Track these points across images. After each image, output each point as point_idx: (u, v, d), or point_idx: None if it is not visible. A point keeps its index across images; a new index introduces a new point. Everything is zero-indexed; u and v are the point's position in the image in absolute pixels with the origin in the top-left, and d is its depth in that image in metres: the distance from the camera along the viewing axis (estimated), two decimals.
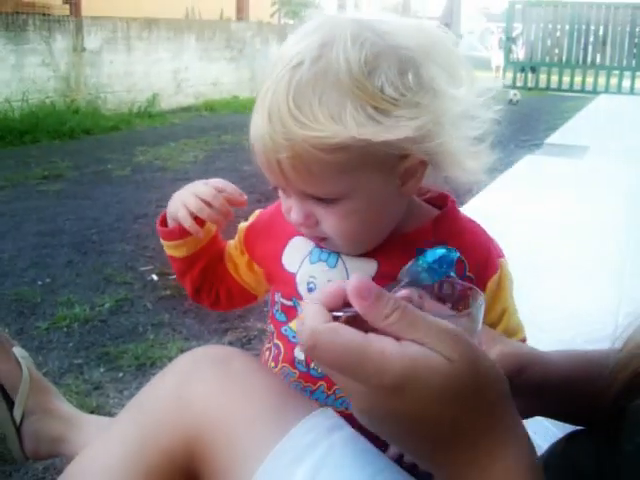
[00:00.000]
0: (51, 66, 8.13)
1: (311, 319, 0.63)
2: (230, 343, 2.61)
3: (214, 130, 8.04)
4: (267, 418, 0.86)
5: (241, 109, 10.16)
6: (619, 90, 15.76)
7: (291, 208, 0.97)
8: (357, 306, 0.63)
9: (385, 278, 0.95)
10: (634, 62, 15.97)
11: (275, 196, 1.14)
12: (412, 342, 0.61)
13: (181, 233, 1.19)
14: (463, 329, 0.68)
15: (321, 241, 1.02)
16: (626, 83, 15.88)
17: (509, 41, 17.52)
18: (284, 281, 1.07)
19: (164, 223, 1.24)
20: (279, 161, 0.89)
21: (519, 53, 18.05)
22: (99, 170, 5.80)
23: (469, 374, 0.61)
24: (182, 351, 2.50)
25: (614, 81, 15.98)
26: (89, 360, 2.47)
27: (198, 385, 0.89)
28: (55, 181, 5.35)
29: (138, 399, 0.95)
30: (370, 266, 1.01)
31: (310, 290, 1.04)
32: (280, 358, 1.07)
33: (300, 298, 1.05)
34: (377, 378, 0.60)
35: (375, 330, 0.62)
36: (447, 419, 0.62)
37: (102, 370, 2.40)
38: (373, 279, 0.95)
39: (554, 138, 7.88)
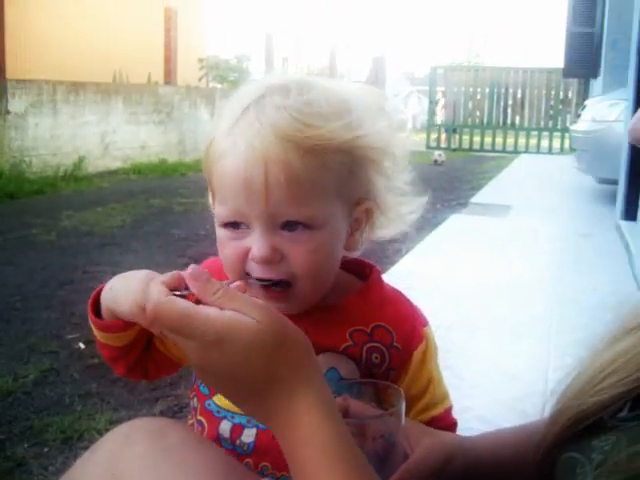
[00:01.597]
0: None
1: (154, 294, 0.79)
2: (161, 412, 2.54)
3: (142, 194, 7.97)
4: None
5: (169, 172, 10.15)
6: (538, 150, 16.40)
7: (247, 249, 0.93)
8: (191, 286, 0.79)
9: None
10: (551, 123, 16.69)
11: (206, 258, 1.13)
12: (231, 310, 0.76)
13: (125, 326, 1.05)
14: (390, 426, 0.83)
15: (276, 291, 0.95)
16: (544, 143, 16.53)
17: (432, 104, 18.08)
18: None
19: (94, 309, 1.12)
20: (270, 177, 0.89)
21: (441, 115, 18.64)
22: (23, 235, 5.66)
23: (274, 332, 0.76)
24: (111, 422, 2.42)
25: (533, 141, 16.64)
26: (11, 435, 2.36)
27: (132, 461, 0.86)
28: None
29: (69, 476, 0.91)
30: None
31: None
32: (205, 434, 1.04)
33: None
34: (202, 334, 0.74)
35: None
36: (257, 369, 0.75)
37: (26, 445, 2.29)
38: None
39: (478, 197, 8.10)
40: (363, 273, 1.08)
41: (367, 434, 0.82)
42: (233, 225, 0.94)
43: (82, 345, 3.19)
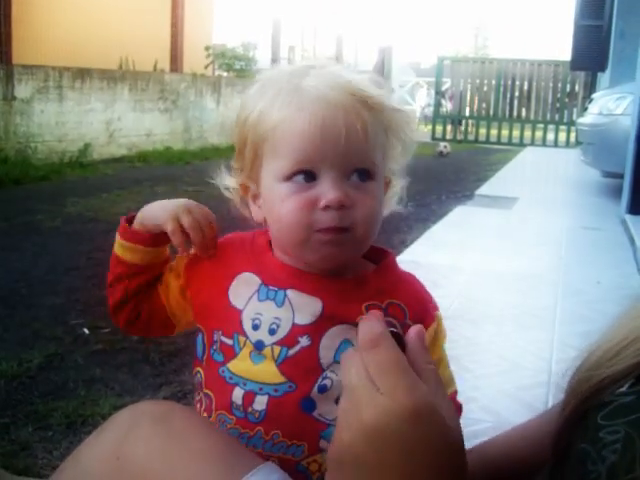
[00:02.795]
0: None
1: (379, 324, 0.75)
2: (165, 398, 2.53)
3: (147, 181, 7.97)
4: (211, 476, 0.84)
5: (174, 160, 10.14)
6: (544, 143, 16.36)
7: (315, 199, 0.96)
8: (413, 344, 0.75)
9: (328, 319, 1.00)
10: (557, 116, 16.62)
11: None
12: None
13: (152, 241, 1.13)
14: None
15: (340, 238, 0.98)
16: (550, 136, 16.49)
17: (438, 95, 18.03)
18: (227, 316, 1.05)
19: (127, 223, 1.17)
20: (359, 129, 0.95)
21: (448, 106, 18.59)
22: (28, 221, 5.66)
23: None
24: (115, 408, 2.42)
25: (539, 134, 16.59)
26: (16, 419, 2.36)
27: (137, 444, 0.86)
28: None
29: (73, 459, 0.91)
30: (315, 306, 1.01)
31: (255, 327, 1.02)
32: (213, 406, 1.04)
33: (244, 334, 1.03)
34: (405, 394, 0.69)
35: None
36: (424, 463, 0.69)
37: (30, 429, 2.29)
38: (318, 320, 1.00)
39: (484, 189, 8.08)
40: (378, 258, 1.10)
41: None
42: (302, 175, 0.97)
43: (86, 331, 3.20)
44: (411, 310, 1.05)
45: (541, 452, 0.91)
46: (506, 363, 2.72)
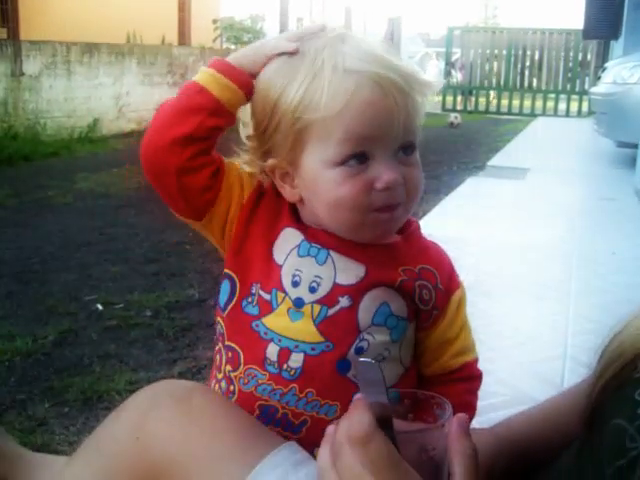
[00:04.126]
0: None
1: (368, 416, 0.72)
2: (180, 373, 2.54)
3: None
4: (232, 455, 0.83)
5: None
6: (555, 113, 16.21)
7: (371, 180, 0.96)
8: (457, 430, 0.74)
9: (369, 282, 1.00)
10: (569, 86, 16.45)
11: None
12: None
13: (247, 82, 1.04)
14: (441, 439, 0.75)
15: (396, 210, 0.99)
16: (562, 106, 16.33)
17: (448, 66, 17.87)
18: (268, 271, 1.04)
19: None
20: (407, 104, 0.96)
21: (458, 77, 18.44)
22: (39, 197, 5.66)
23: None
24: (130, 383, 2.44)
25: (550, 104, 16.43)
26: (33, 395, 2.37)
27: (157, 424, 0.85)
28: None
29: (93, 441, 0.90)
30: (359, 269, 1.01)
31: (295, 284, 1.01)
32: (241, 360, 1.03)
33: (282, 291, 1.02)
34: None
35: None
36: None
37: (47, 405, 2.30)
38: (360, 282, 1.00)
39: (496, 160, 8.02)
40: (403, 226, 1.09)
41: (418, 447, 0.76)
42: (355, 159, 0.96)
43: (100, 306, 3.20)
44: (440, 274, 1.06)
45: (565, 431, 0.90)
46: (521, 336, 2.70)
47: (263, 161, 1.04)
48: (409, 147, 1.00)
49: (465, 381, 1.10)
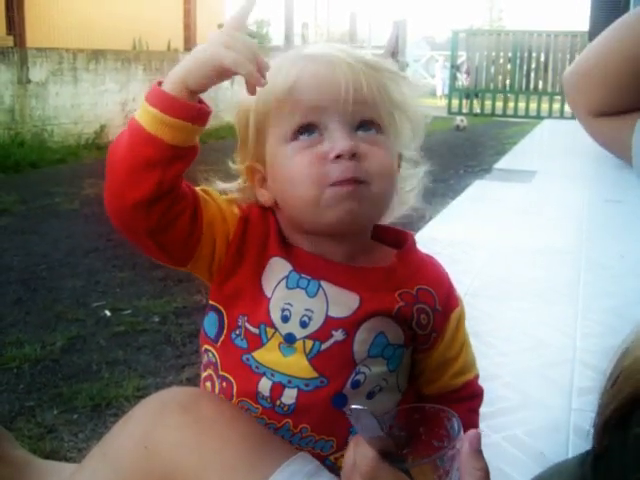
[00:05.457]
0: None
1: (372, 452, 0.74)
2: (187, 379, 2.54)
3: None
4: (243, 466, 0.82)
5: None
6: (562, 115, 16.15)
7: (324, 152, 0.93)
8: (467, 449, 0.75)
9: (364, 312, 0.96)
10: None
11: None
12: None
13: (198, 113, 0.92)
14: (456, 458, 0.75)
15: (354, 189, 0.93)
16: (568, 108, 16.23)
17: (453, 69, 17.86)
18: (255, 302, 0.98)
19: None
20: (360, 80, 0.94)
21: (464, 80, 18.42)
22: (47, 204, 5.68)
23: None
24: (138, 389, 2.44)
25: (556, 106, 16.39)
26: (41, 402, 2.37)
27: (166, 433, 0.84)
28: (0, 216, 5.21)
29: (100, 450, 0.89)
30: (352, 300, 0.97)
31: (285, 319, 0.96)
32: (234, 392, 0.98)
33: (271, 325, 0.96)
34: None
35: None
36: None
37: (55, 412, 2.31)
38: (354, 314, 0.96)
39: (502, 163, 8.00)
40: (398, 241, 1.07)
41: (432, 474, 0.76)
42: (307, 130, 0.95)
43: (108, 313, 3.21)
44: (438, 294, 1.03)
45: None
46: (530, 340, 2.69)
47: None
48: (369, 124, 0.96)
49: (467, 400, 1.07)
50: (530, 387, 2.29)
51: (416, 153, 1.08)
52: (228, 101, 12.50)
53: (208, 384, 1.03)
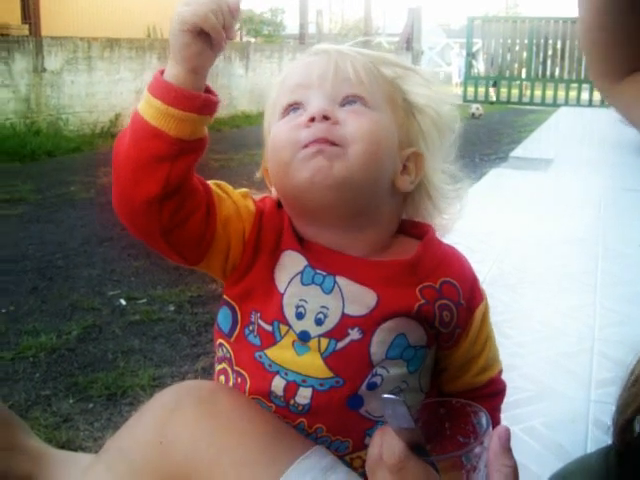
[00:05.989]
0: (10, 87, 8.00)
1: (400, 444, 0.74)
2: (203, 369, 2.54)
3: None
4: (259, 460, 0.81)
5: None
6: (578, 102, 16.02)
7: (304, 121, 0.93)
8: (496, 445, 0.74)
9: (383, 311, 0.92)
10: None
11: None
12: None
13: (204, 104, 0.88)
14: (483, 453, 0.74)
15: (328, 151, 0.90)
16: (584, 95, 16.15)
17: (469, 56, 17.73)
18: (268, 298, 0.95)
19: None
20: (340, 64, 0.97)
21: (479, 68, 18.29)
22: (62, 193, 5.69)
23: None
24: (154, 379, 2.44)
25: (573, 94, 16.25)
26: (57, 391, 2.38)
27: (182, 427, 0.83)
28: (17, 205, 5.23)
29: (115, 443, 0.88)
30: (370, 297, 0.94)
31: (299, 316, 0.93)
32: (247, 388, 0.96)
33: (285, 322, 0.94)
34: None
35: None
36: None
37: (71, 401, 2.31)
38: (372, 313, 0.92)
39: (519, 151, 7.93)
40: (419, 233, 1.04)
41: (459, 468, 0.74)
42: (293, 108, 0.97)
43: (123, 302, 3.21)
44: (463, 287, 0.99)
45: None
46: (547, 329, 2.66)
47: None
48: (353, 98, 0.96)
49: (490, 397, 1.05)
50: (548, 378, 2.26)
51: (453, 167, 1.09)
52: (242, 89, 12.48)
53: (222, 378, 1.01)
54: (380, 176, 0.95)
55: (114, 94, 9.56)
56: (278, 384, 0.94)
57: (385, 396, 0.72)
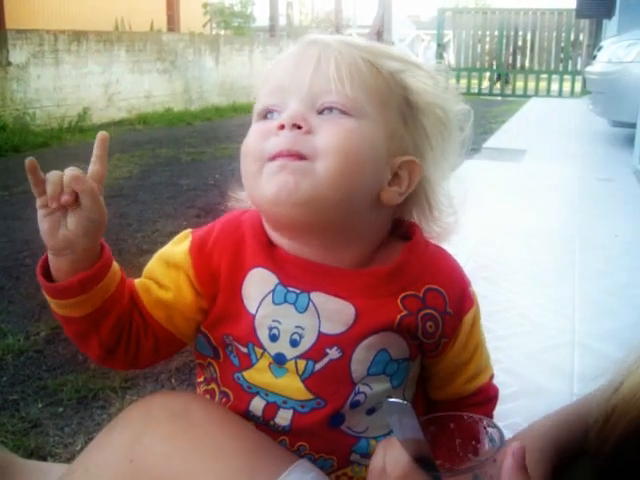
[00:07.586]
0: None
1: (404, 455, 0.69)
2: (177, 369, 2.47)
3: (148, 144, 7.83)
4: (239, 477, 0.75)
5: (175, 121, 9.98)
6: (548, 93, 16.15)
7: (274, 127, 0.85)
8: (510, 464, 0.69)
9: (362, 326, 0.86)
10: (561, 66, 16.37)
11: (215, 212, 1.02)
12: None
13: (84, 285, 0.89)
14: (497, 467, 0.69)
15: (294, 165, 0.84)
16: (554, 86, 16.26)
17: (439, 48, 17.75)
18: (239, 320, 0.90)
19: (46, 274, 0.94)
20: (323, 59, 0.87)
21: (450, 59, 18.33)
22: (29, 189, 5.52)
23: None
24: (126, 381, 2.36)
25: (543, 85, 16.36)
26: (25, 395, 2.30)
27: (153, 444, 0.77)
28: None
29: (82, 464, 0.82)
30: (348, 312, 0.88)
31: (273, 338, 0.88)
32: (229, 407, 0.92)
33: (259, 345, 0.88)
34: None
35: None
36: None
37: (40, 405, 2.23)
38: (350, 330, 0.87)
39: (491, 142, 7.94)
40: (404, 232, 0.98)
41: None
42: (270, 112, 0.89)
43: None
44: (450, 294, 0.93)
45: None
46: (527, 323, 2.63)
47: None
48: (333, 108, 0.86)
49: (481, 405, 0.99)
50: (530, 372, 2.23)
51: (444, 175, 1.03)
52: (213, 82, 12.36)
53: (208, 397, 0.96)
54: (356, 192, 0.87)
55: (82, 87, 9.41)
56: (257, 405, 0.89)
57: (391, 400, 0.66)
